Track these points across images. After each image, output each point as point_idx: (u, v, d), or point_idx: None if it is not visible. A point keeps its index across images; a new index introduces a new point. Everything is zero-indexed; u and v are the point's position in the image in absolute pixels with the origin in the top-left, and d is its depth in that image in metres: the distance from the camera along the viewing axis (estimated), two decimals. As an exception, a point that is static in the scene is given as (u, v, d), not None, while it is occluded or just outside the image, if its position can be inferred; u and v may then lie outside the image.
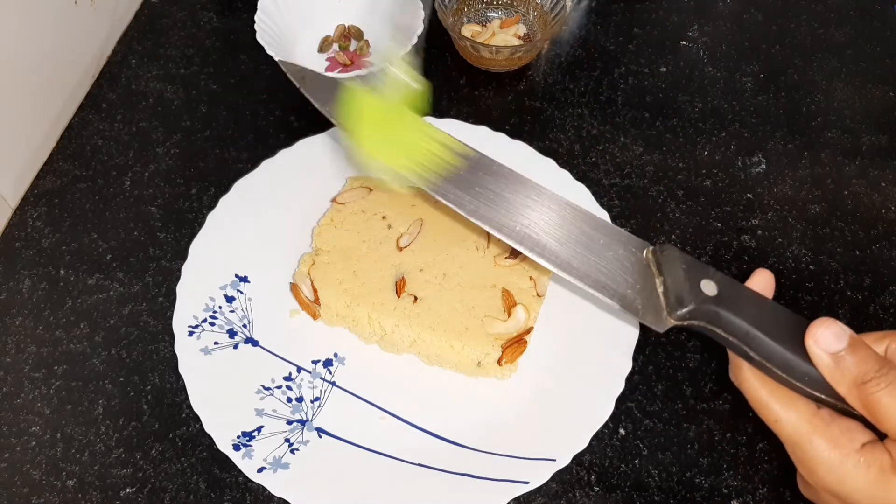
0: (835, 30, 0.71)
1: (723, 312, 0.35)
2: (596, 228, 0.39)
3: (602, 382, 0.49)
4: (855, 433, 0.34)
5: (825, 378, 0.33)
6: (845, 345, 0.33)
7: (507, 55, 0.64)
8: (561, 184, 0.57)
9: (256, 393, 0.49)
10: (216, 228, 0.54)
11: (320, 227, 0.54)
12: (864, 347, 0.33)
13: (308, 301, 0.51)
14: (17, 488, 0.47)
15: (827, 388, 0.34)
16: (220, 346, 0.50)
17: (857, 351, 0.33)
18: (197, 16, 0.71)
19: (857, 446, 0.33)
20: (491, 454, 0.47)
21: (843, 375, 0.33)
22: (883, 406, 0.32)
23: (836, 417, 0.34)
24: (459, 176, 0.40)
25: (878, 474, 0.33)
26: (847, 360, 0.33)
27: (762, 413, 0.35)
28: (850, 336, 0.33)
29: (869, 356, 0.33)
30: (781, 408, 0.34)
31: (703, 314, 0.35)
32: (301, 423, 0.48)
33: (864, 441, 0.34)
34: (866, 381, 0.32)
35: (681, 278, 0.36)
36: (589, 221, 0.39)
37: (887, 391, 0.32)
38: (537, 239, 0.38)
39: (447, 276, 0.51)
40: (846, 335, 0.33)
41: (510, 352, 0.48)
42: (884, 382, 0.32)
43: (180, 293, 0.51)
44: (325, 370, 0.51)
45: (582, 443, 0.46)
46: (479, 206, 0.39)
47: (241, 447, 0.46)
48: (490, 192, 0.39)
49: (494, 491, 0.45)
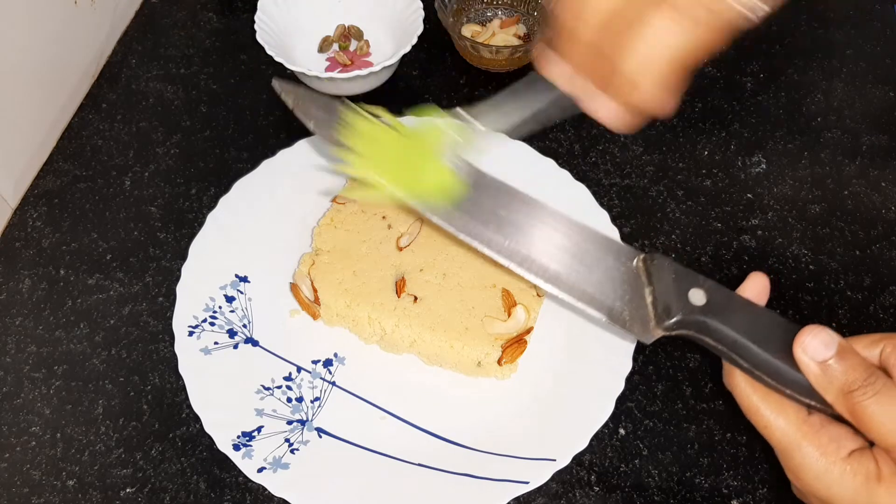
0: (835, 30, 0.71)
1: (710, 322, 0.35)
2: (587, 240, 0.39)
3: (602, 382, 0.49)
4: (843, 440, 0.34)
5: (813, 386, 0.33)
6: (834, 352, 0.33)
7: (507, 55, 0.64)
8: (561, 184, 0.57)
9: (256, 393, 0.49)
10: (216, 228, 0.54)
11: (320, 227, 0.54)
12: (852, 355, 0.33)
13: (308, 301, 0.51)
14: (17, 488, 0.47)
15: (816, 394, 0.34)
16: (220, 346, 0.50)
17: (845, 359, 0.33)
18: (197, 16, 0.71)
19: (845, 454, 0.33)
20: (491, 454, 0.47)
21: (831, 383, 0.33)
22: (870, 414, 0.32)
23: (826, 424, 0.34)
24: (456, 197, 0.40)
25: (863, 482, 0.32)
26: (835, 369, 0.33)
27: (753, 418, 0.35)
28: (839, 343, 0.33)
29: (857, 364, 0.33)
30: (772, 414, 0.34)
31: (690, 324, 0.35)
32: (301, 423, 0.48)
33: (852, 448, 0.34)
34: (853, 389, 0.32)
35: (669, 287, 0.36)
36: (581, 233, 0.39)
37: (874, 399, 0.32)
38: (526, 254, 0.38)
39: (447, 276, 0.51)
40: (835, 343, 0.33)
41: (510, 352, 0.48)
42: (871, 391, 0.32)
43: (180, 293, 0.51)
44: (325, 370, 0.51)
45: (582, 443, 0.46)
46: (469, 221, 0.39)
47: (241, 447, 0.46)
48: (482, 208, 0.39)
49: (494, 491, 0.45)
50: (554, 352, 0.51)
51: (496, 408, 0.49)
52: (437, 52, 0.68)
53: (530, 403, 0.49)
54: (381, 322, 0.50)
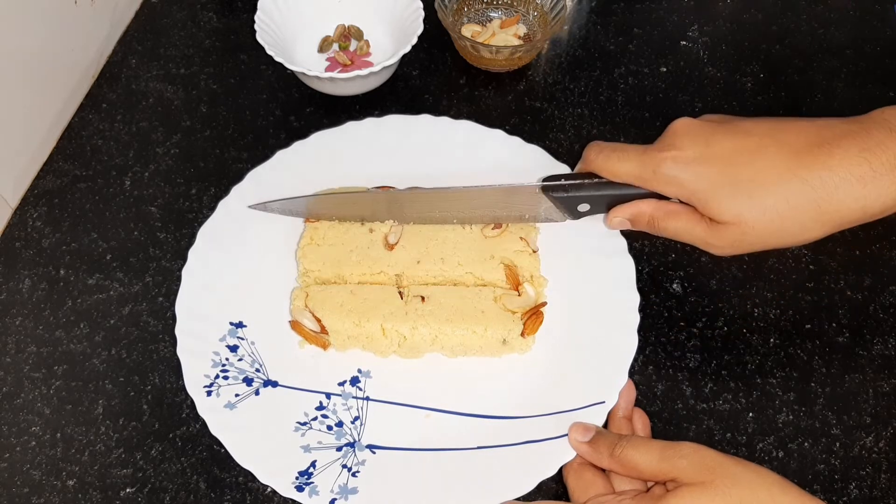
0: (835, 30, 0.71)
1: None
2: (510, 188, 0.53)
3: (616, 320, 0.50)
4: None
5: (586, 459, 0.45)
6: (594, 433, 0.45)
7: (507, 55, 0.64)
8: (515, 146, 0.59)
9: (295, 431, 0.48)
10: (193, 283, 0.52)
11: (302, 249, 0.52)
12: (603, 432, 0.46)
13: (314, 333, 0.50)
14: (17, 488, 0.47)
15: None
16: (241, 396, 0.49)
17: (601, 433, 0.45)
18: (197, 16, 0.71)
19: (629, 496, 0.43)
20: (542, 416, 0.48)
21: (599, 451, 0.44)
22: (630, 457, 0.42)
23: None
24: None
25: None
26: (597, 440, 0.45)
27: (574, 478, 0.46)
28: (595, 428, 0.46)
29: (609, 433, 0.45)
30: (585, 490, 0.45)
31: None
32: (350, 445, 0.48)
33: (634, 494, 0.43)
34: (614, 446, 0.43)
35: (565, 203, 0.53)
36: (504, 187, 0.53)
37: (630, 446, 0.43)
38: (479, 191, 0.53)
39: (445, 260, 0.52)
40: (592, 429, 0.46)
41: (531, 323, 0.49)
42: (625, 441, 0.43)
43: (182, 356, 0.49)
44: (355, 388, 0.50)
45: (622, 378, 0.48)
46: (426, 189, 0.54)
47: (303, 487, 0.45)
48: None
49: (560, 446, 0.46)
50: (560, 316, 0.52)
51: (530, 376, 0.50)
52: (437, 52, 0.68)
53: (559, 363, 0.50)
54: (397, 329, 0.49)
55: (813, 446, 0.49)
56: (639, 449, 0.42)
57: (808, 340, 0.53)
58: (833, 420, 0.50)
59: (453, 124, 0.60)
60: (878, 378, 0.51)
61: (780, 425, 0.50)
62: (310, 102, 0.65)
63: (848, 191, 0.42)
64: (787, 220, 0.44)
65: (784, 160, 0.44)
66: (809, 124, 0.45)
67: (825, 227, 0.44)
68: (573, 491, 0.45)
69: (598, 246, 0.54)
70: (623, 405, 0.48)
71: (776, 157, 0.44)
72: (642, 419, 0.48)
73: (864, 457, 0.49)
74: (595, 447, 0.44)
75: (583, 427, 0.46)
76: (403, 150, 0.59)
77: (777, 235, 0.45)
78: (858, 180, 0.42)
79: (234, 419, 0.47)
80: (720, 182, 0.45)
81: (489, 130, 0.60)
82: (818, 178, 0.43)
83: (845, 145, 0.43)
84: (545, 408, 0.48)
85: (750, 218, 0.44)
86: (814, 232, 0.44)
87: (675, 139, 0.47)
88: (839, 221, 0.44)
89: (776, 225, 0.44)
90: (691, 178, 0.46)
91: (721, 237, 0.46)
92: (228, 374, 0.49)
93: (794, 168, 0.43)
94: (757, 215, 0.44)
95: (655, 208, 0.49)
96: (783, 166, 0.43)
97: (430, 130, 0.60)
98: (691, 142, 0.46)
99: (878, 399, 0.51)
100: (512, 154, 0.59)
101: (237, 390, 0.49)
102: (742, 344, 0.53)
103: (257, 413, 0.48)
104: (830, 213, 0.43)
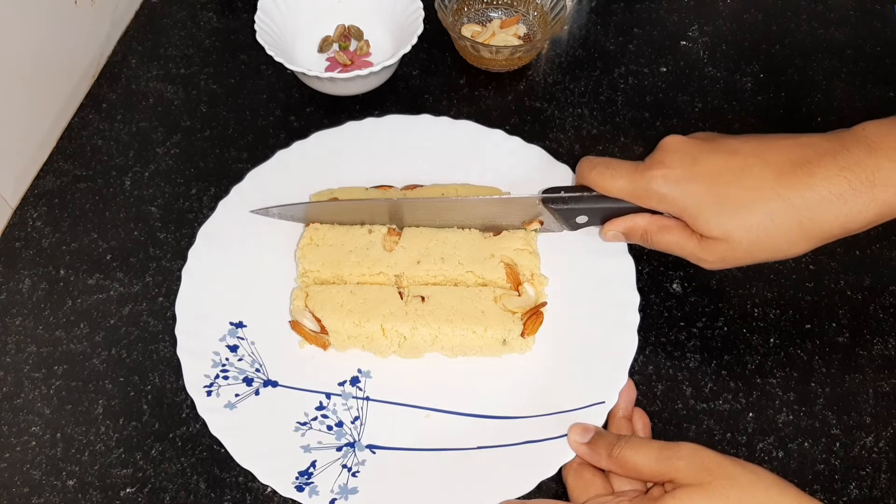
0: (835, 30, 0.71)
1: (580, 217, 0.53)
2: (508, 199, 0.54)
3: (616, 320, 0.50)
4: None
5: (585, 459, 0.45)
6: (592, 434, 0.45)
7: (507, 55, 0.64)
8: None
9: (295, 431, 0.48)
10: (194, 282, 0.52)
11: (302, 250, 0.52)
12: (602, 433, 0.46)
13: (314, 333, 0.50)
14: (17, 488, 0.47)
15: None
16: (241, 396, 0.49)
17: (600, 433, 0.45)
18: (197, 16, 0.71)
19: None
20: (542, 416, 0.48)
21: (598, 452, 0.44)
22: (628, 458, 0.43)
23: None
24: None
25: None
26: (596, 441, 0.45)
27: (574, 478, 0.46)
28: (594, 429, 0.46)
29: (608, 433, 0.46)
30: None
31: None
32: (350, 445, 0.48)
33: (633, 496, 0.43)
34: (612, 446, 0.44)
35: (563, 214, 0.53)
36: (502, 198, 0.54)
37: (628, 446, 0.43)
38: None
39: (445, 259, 0.52)
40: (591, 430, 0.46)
41: (530, 323, 0.49)
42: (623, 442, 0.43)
43: (182, 356, 0.49)
44: (355, 388, 0.50)
45: (622, 378, 0.48)
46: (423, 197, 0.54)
47: (303, 487, 0.45)
48: None
49: (559, 447, 0.46)
50: (560, 316, 0.52)
51: (530, 376, 0.50)
52: (437, 52, 0.68)
53: (560, 363, 0.50)
54: (397, 329, 0.49)
55: (813, 446, 0.49)
56: (637, 450, 0.43)
57: (808, 340, 0.53)
58: (833, 420, 0.50)
59: (453, 124, 0.60)
60: (878, 378, 0.51)
61: (780, 425, 0.50)
62: (310, 102, 0.65)
63: (829, 208, 0.44)
64: (773, 237, 0.45)
65: (768, 179, 0.45)
66: (793, 142, 0.46)
67: (810, 242, 0.46)
68: (572, 491, 0.45)
69: (598, 246, 0.54)
70: (623, 405, 0.48)
71: (760, 176, 0.45)
72: (642, 419, 0.48)
73: (864, 457, 0.49)
74: (594, 448, 0.45)
75: (582, 428, 0.46)
76: (403, 150, 0.59)
77: (764, 251, 0.46)
78: (839, 198, 0.43)
79: (234, 419, 0.47)
80: (707, 200, 0.46)
81: (489, 130, 0.60)
82: (800, 197, 0.44)
83: (826, 164, 0.44)
84: (545, 408, 0.48)
85: (736, 235, 0.46)
86: (800, 246, 0.46)
87: (665, 157, 0.48)
88: (823, 236, 0.45)
89: (762, 241, 0.45)
90: (680, 196, 0.47)
91: (710, 252, 0.47)
92: (228, 374, 0.49)
93: (776, 187, 0.44)
94: (743, 233, 0.45)
95: (649, 222, 0.50)
96: (767, 186, 0.45)
97: (430, 130, 0.60)
98: (680, 160, 0.47)
99: (878, 399, 0.51)
100: (512, 154, 0.59)
101: (237, 390, 0.49)
102: (742, 344, 0.53)
103: (257, 413, 0.48)
104: (814, 230, 0.45)
